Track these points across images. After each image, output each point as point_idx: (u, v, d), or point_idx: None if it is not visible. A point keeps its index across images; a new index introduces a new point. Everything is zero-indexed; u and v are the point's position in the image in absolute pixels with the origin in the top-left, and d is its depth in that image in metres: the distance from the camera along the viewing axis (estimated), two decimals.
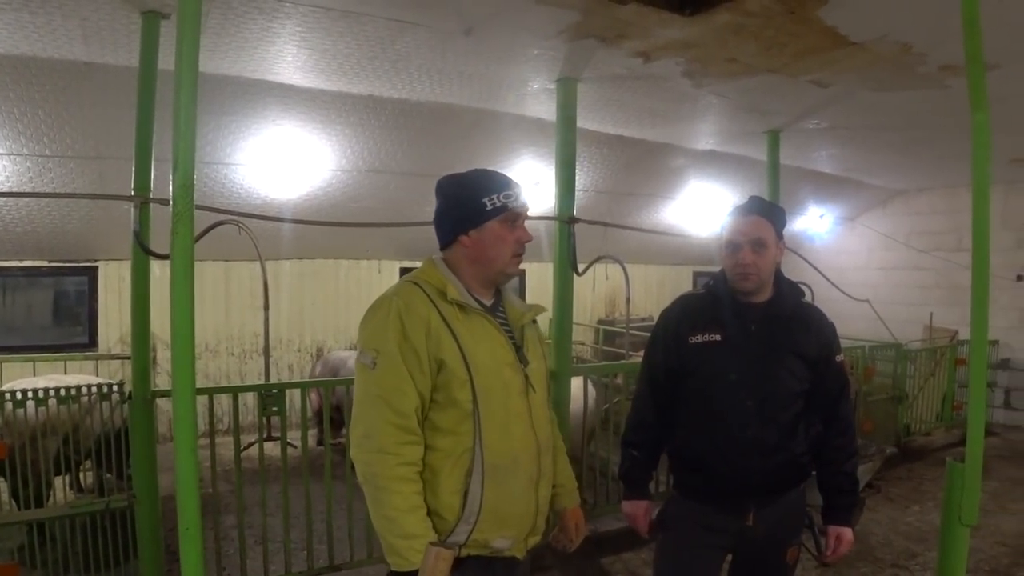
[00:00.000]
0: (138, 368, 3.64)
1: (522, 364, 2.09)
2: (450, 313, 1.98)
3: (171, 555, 4.06)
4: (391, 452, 1.87)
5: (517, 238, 2.09)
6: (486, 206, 2.05)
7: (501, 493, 1.98)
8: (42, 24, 3.66)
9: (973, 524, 2.18)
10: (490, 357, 2.00)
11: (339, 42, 4.00)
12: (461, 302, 2.00)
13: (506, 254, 2.08)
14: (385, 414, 1.89)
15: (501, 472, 1.98)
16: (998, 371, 8.70)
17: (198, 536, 1.45)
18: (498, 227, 2.06)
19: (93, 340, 7.20)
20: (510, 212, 2.07)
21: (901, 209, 10.00)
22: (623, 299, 6.88)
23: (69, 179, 5.50)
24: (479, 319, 2.04)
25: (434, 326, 1.94)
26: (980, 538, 5.00)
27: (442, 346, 1.94)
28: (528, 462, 2.05)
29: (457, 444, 1.95)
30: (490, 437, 1.96)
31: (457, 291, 2.02)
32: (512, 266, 2.11)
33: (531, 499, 2.07)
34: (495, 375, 2.00)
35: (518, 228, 2.10)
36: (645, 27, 3.72)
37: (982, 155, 2.06)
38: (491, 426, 1.97)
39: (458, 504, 1.94)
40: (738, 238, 2.46)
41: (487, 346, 2.01)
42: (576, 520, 2.38)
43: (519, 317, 2.17)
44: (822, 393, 2.52)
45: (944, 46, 3.91)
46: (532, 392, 2.10)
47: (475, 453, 1.95)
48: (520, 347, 2.13)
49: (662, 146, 6.95)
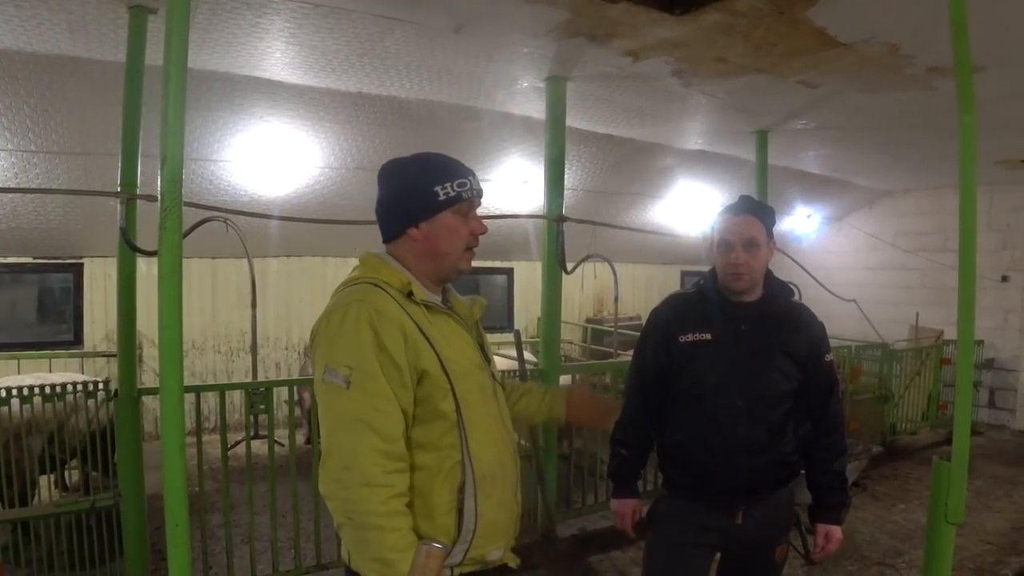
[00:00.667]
0: (124, 366, 3.62)
1: (487, 362, 1.98)
2: (419, 315, 1.80)
3: (157, 554, 4.03)
4: (380, 484, 1.64)
5: (471, 230, 1.91)
6: (439, 196, 1.86)
7: (492, 503, 1.83)
8: (28, 18, 3.62)
9: (959, 522, 2.19)
10: (463, 359, 1.86)
11: (327, 39, 3.98)
12: (428, 302, 1.84)
13: (459, 248, 1.90)
14: (369, 440, 1.65)
15: (491, 481, 1.83)
16: (983, 371, 8.77)
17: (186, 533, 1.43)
18: (451, 218, 1.88)
19: (78, 338, 7.16)
20: (464, 202, 1.89)
21: (888, 210, 10.05)
22: (611, 298, 6.89)
23: (54, 175, 5.46)
24: (445, 319, 1.88)
25: (410, 332, 1.74)
26: (965, 536, 5.04)
27: (420, 354, 1.75)
28: (510, 465, 1.94)
29: (444, 459, 1.77)
30: (476, 446, 1.81)
31: (422, 290, 1.86)
32: (465, 260, 1.93)
33: (515, 504, 1.97)
34: (471, 379, 1.85)
35: (472, 219, 1.91)
36: (635, 26, 3.72)
37: (969, 157, 2.07)
38: (476, 434, 1.82)
39: (453, 524, 1.77)
40: (730, 237, 2.46)
41: (459, 348, 1.86)
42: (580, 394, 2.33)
43: (468, 313, 2.01)
44: (811, 392, 2.53)
45: (931, 48, 3.94)
46: (499, 390, 2.00)
47: (464, 466, 1.78)
48: (481, 345, 2.00)
49: (651, 145, 6.96)
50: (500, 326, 9.30)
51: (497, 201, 7.30)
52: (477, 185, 1.92)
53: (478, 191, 1.92)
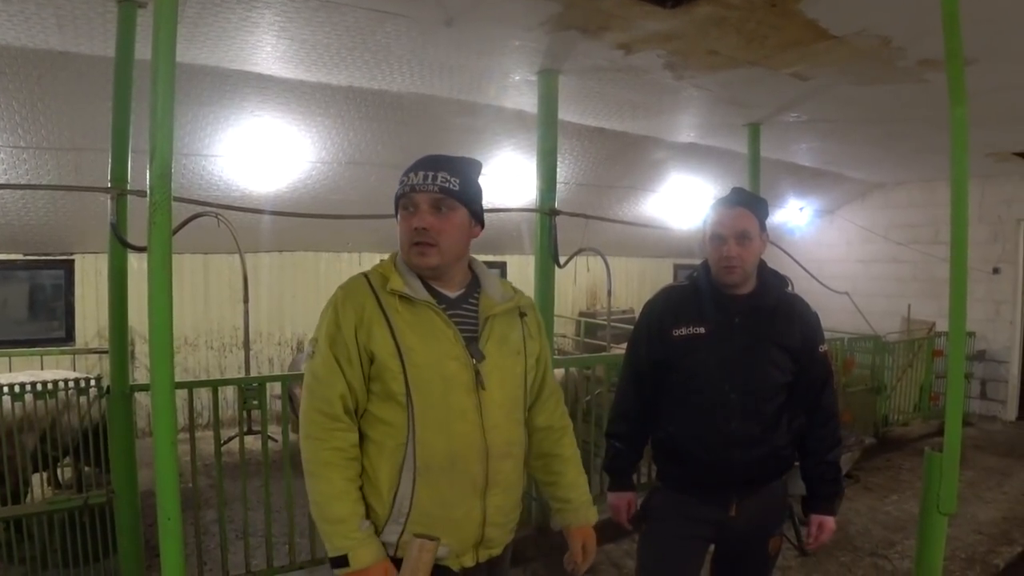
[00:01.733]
0: (116, 362, 3.60)
1: (474, 359, 1.94)
2: (389, 304, 1.90)
3: (151, 550, 4.03)
4: (317, 437, 1.86)
5: (412, 226, 1.94)
6: (397, 194, 2.01)
7: (434, 496, 1.88)
8: (15, 12, 3.59)
9: (951, 513, 2.21)
10: (430, 350, 1.89)
11: (318, 32, 3.96)
12: (403, 293, 1.91)
13: (405, 243, 1.97)
14: (313, 402, 1.88)
15: (435, 473, 1.87)
16: (975, 362, 8.81)
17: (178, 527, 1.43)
18: (400, 215, 2.00)
19: (70, 334, 7.13)
20: (404, 199, 1.97)
21: (880, 202, 10.08)
22: (604, 291, 6.90)
23: (44, 171, 5.42)
24: (425, 311, 1.92)
25: (367, 316, 1.88)
26: (957, 526, 5.07)
27: (373, 337, 1.87)
28: (471, 464, 1.91)
29: (391, 437, 1.88)
30: (425, 434, 1.87)
31: (401, 281, 1.92)
32: (414, 256, 1.95)
33: (475, 506, 1.93)
34: (434, 369, 1.89)
35: (413, 215, 1.94)
36: (627, 19, 3.71)
37: (960, 149, 2.08)
38: (427, 422, 1.87)
39: (389, 501, 1.88)
40: (723, 230, 2.46)
41: (429, 339, 1.90)
42: (584, 538, 2.21)
43: (487, 308, 2.02)
44: (806, 384, 2.53)
45: (923, 41, 3.94)
46: (482, 390, 1.94)
47: (407, 449, 1.87)
48: (476, 340, 1.98)
49: (643, 139, 6.95)
50: None
51: (489, 195, 7.27)
52: (416, 180, 1.94)
53: (412, 185, 1.94)
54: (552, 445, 2.22)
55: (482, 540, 1.97)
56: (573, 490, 2.22)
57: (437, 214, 1.94)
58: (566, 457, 2.24)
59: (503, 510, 2.01)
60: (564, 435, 2.25)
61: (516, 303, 2.09)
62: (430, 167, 1.96)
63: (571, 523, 2.22)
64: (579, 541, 2.21)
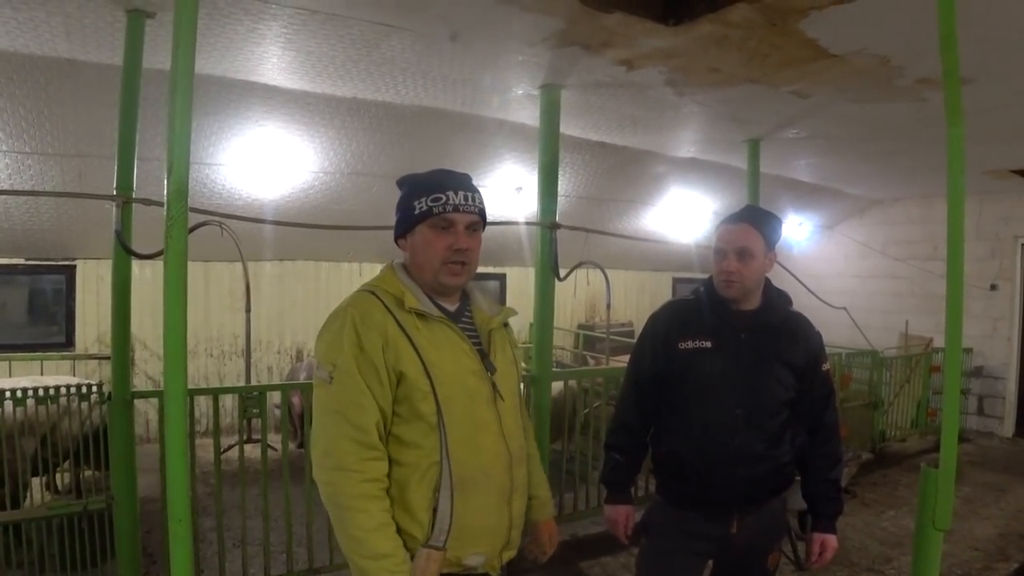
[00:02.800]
0: (118, 369, 3.61)
1: (488, 372, 1.99)
2: (408, 322, 1.89)
3: (148, 557, 4.03)
4: (353, 469, 1.78)
5: (447, 245, 1.94)
6: (415, 210, 1.96)
7: (472, 508, 1.89)
8: (25, 20, 3.63)
9: (947, 529, 2.22)
10: (453, 366, 1.91)
11: (324, 44, 4.00)
12: (419, 310, 1.91)
13: (435, 262, 1.95)
14: (344, 430, 1.80)
15: (471, 486, 1.89)
16: (972, 378, 8.83)
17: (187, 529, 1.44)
18: (427, 232, 1.95)
19: (70, 340, 7.14)
20: (437, 217, 1.94)
21: (878, 218, 10.12)
22: (603, 305, 6.92)
23: (48, 177, 5.45)
24: (440, 327, 1.94)
25: (391, 336, 1.86)
26: (953, 543, 5.07)
27: (401, 357, 1.85)
28: (499, 474, 1.97)
29: (423, 458, 1.86)
30: (457, 449, 1.88)
31: (416, 299, 1.93)
32: (446, 275, 1.96)
33: (504, 513, 1.99)
34: (459, 384, 1.91)
35: (449, 234, 1.95)
36: (629, 36, 3.75)
37: (957, 167, 2.10)
38: (458, 438, 1.88)
39: (427, 520, 1.86)
40: (723, 245, 2.48)
41: (449, 355, 1.92)
42: (549, 532, 2.30)
43: (486, 321, 2.08)
44: (808, 402, 2.54)
45: (922, 60, 3.98)
46: (500, 400, 2.00)
47: (442, 467, 1.86)
48: (487, 353, 2.03)
49: (644, 153, 6.99)
50: None
51: (491, 207, 7.27)
52: (458, 200, 1.95)
53: (455, 205, 1.94)
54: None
55: (507, 543, 2.04)
56: (540, 487, 2.28)
57: (471, 235, 1.99)
58: (533, 456, 2.28)
59: (522, 513, 2.11)
60: (530, 435, 2.30)
61: (505, 315, 2.15)
62: (467, 187, 1.99)
63: (539, 518, 2.28)
64: (545, 534, 2.29)
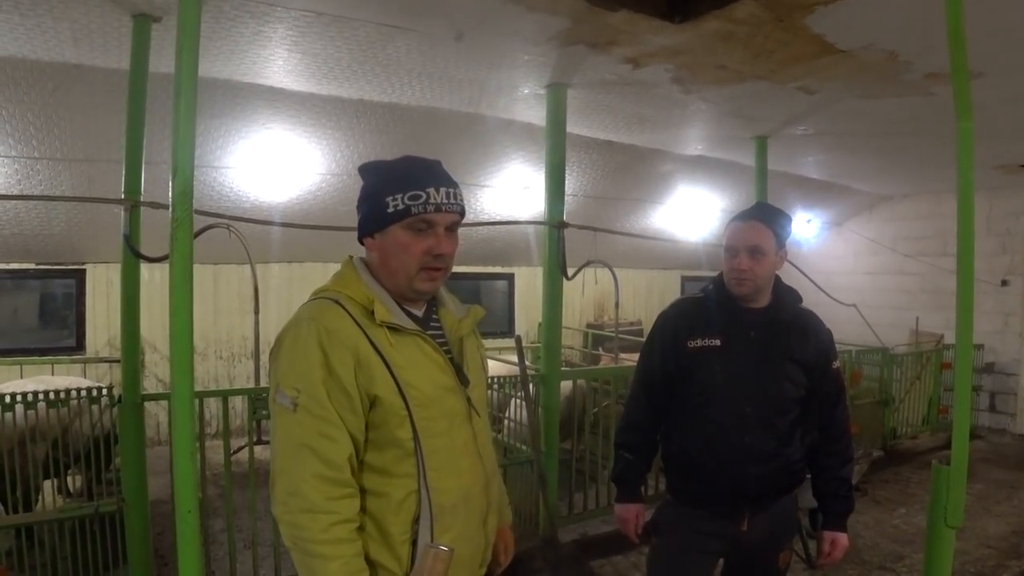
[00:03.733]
0: (128, 372, 3.63)
1: (463, 386, 1.81)
2: (379, 337, 1.67)
3: (160, 559, 4.04)
4: (323, 511, 1.58)
5: (426, 249, 1.70)
6: (388, 207, 1.69)
7: (452, 537, 1.71)
8: (32, 26, 3.65)
9: (959, 526, 2.20)
10: (430, 385, 1.72)
11: (329, 46, 4.01)
12: (392, 324, 1.70)
13: (411, 268, 1.71)
14: (312, 466, 1.58)
15: (451, 514, 1.73)
16: (983, 375, 8.78)
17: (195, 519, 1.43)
18: (401, 233, 1.70)
19: (80, 343, 7.17)
20: (415, 218, 1.69)
21: (887, 214, 10.08)
22: (612, 303, 6.90)
23: (57, 181, 5.48)
24: (414, 340, 1.73)
25: (363, 355, 1.64)
26: (965, 540, 5.05)
27: (374, 378, 1.64)
28: (478, 496, 1.82)
29: (399, 488, 1.68)
30: (436, 476, 1.70)
31: (387, 310, 1.71)
32: (422, 281, 1.73)
33: (480, 536, 1.86)
34: (437, 406, 1.72)
35: (429, 237, 1.71)
36: (635, 34, 3.75)
37: (966, 162, 2.09)
38: (436, 464, 1.71)
39: (407, 555, 1.68)
40: (735, 243, 2.47)
41: (424, 372, 1.72)
42: (503, 541, 2.09)
43: (456, 327, 1.87)
44: (819, 399, 2.53)
45: (929, 54, 3.96)
46: (476, 417, 1.83)
47: (420, 496, 1.69)
48: (460, 366, 1.84)
49: (651, 151, 6.98)
50: (501, 331, 9.33)
51: (498, 207, 7.32)
52: (440, 198, 1.70)
53: (436, 205, 1.69)
54: None
55: (482, 562, 1.92)
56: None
57: (450, 236, 1.75)
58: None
59: (495, 529, 1.96)
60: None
61: (474, 317, 1.94)
62: (448, 182, 1.75)
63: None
64: (501, 541, 2.09)
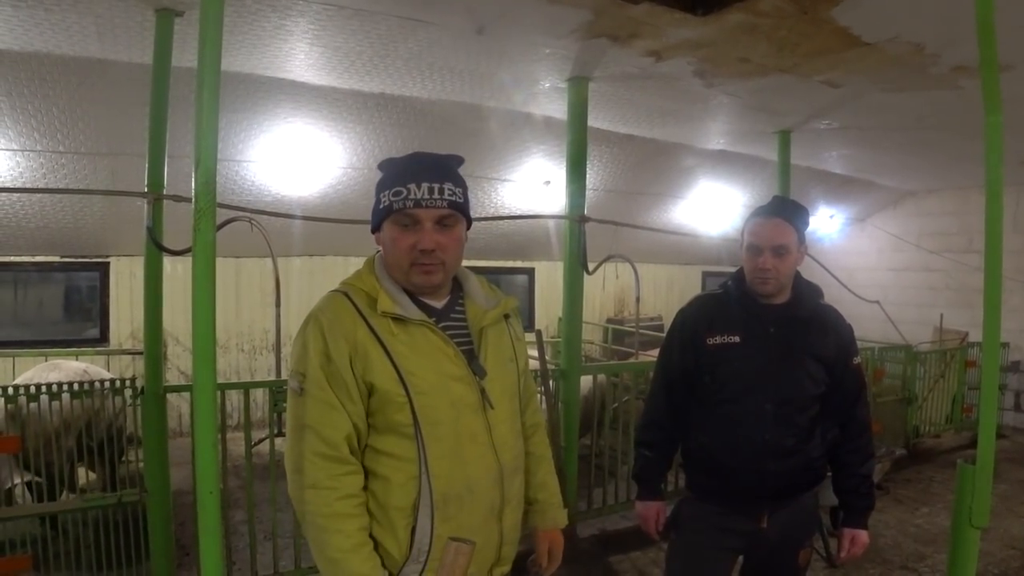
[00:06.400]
0: (150, 363, 3.67)
1: (477, 376, 1.81)
2: (382, 327, 1.72)
3: (181, 549, 4.08)
4: (326, 487, 1.66)
5: (411, 245, 1.73)
6: (380, 203, 1.78)
7: (455, 527, 1.73)
8: (57, 21, 3.68)
9: (984, 526, 2.18)
10: (434, 373, 1.74)
11: (351, 40, 4.01)
12: (395, 314, 1.73)
13: (402, 261, 1.75)
14: (314, 445, 1.67)
15: (454, 503, 1.74)
16: (1008, 374, 8.66)
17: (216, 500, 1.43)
18: (390, 229, 1.76)
19: (104, 335, 7.24)
20: (398, 214, 1.74)
21: (911, 210, 9.96)
22: (632, 298, 6.89)
23: (82, 175, 5.54)
24: (420, 330, 1.76)
25: (360, 343, 1.70)
26: (989, 541, 4.99)
27: (371, 366, 1.69)
28: (487, 488, 1.80)
29: (400, 471, 1.72)
30: (438, 463, 1.72)
31: (391, 300, 1.75)
32: (416, 275, 1.76)
33: (493, 529, 1.83)
34: (441, 393, 1.74)
35: (413, 232, 1.74)
36: (657, 27, 3.72)
37: (995, 157, 2.05)
38: (439, 451, 1.73)
39: (406, 539, 1.72)
40: (759, 241, 2.43)
41: (430, 361, 1.75)
42: (551, 543, 2.11)
43: (479, 318, 1.87)
44: (839, 396, 2.51)
45: (957, 47, 3.90)
46: (490, 408, 1.81)
47: (421, 482, 1.72)
48: (475, 356, 1.84)
49: (673, 145, 6.95)
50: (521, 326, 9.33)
51: (519, 201, 7.32)
52: (420, 194, 1.72)
53: (416, 200, 1.72)
54: (526, 444, 2.06)
55: (498, 560, 1.89)
56: (542, 490, 2.10)
57: (442, 230, 1.76)
58: (538, 455, 2.11)
59: (516, 527, 1.93)
60: (536, 432, 2.13)
61: (503, 308, 1.94)
62: (434, 177, 1.75)
63: (537, 525, 2.11)
64: (545, 544, 2.11)
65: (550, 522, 2.11)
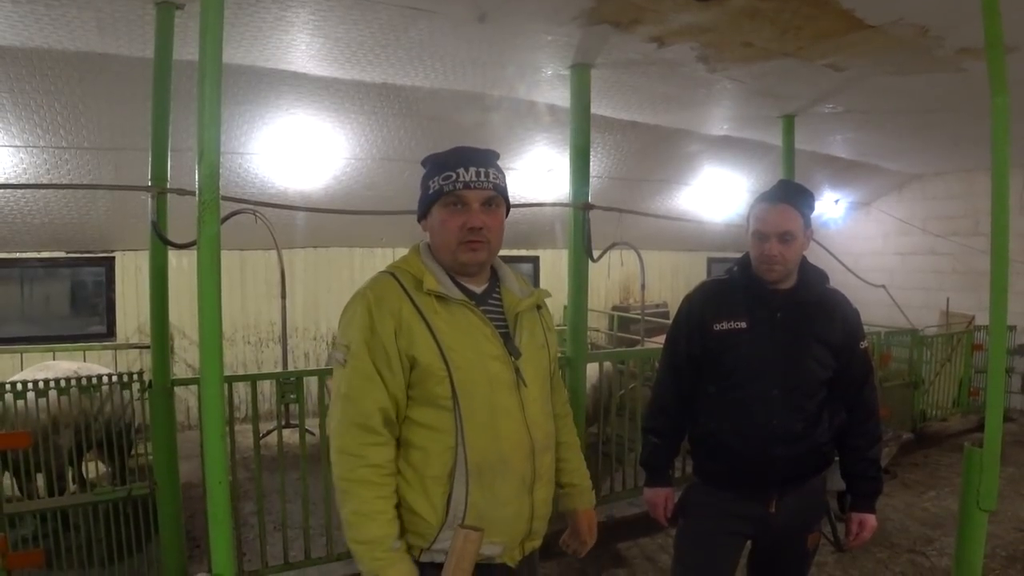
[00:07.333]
0: (158, 357, 3.68)
1: (512, 356, 1.94)
2: (427, 305, 1.87)
3: (191, 541, 4.11)
4: (353, 453, 1.80)
5: (461, 224, 1.89)
6: (429, 189, 1.96)
7: (488, 496, 1.86)
8: (57, 16, 3.68)
9: (992, 509, 2.18)
10: (472, 350, 1.88)
11: (352, 30, 4.00)
12: (439, 293, 1.88)
13: (451, 241, 1.91)
14: (350, 413, 1.81)
15: (488, 473, 1.86)
16: (1015, 357, 8.62)
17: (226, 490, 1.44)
18: (440, 212, 1.93)
19: (111, 330, 7.28)
20: (448, 195, 1.90)
21: (917, 194, 9.91)
22: (637, 285, 6.88)
23: (85, 170, 5.54)
24: (461, 310, 1.90)
25: (405, 319, 1.84)
26: (997, 524, 4.99)
27: (415, 341, 1.83)
28: (520, 462, 1.92)
29: (437, 441, 1.85)
30: (474, 436, 1.84)
31: (435, 280, 1.90)
32: (464, 253, 1.91)
33: (524, 502, 1.94)
34: (478, 369, 1.87)
35: (463, 213, 1.90)
36: (660, 12, 3.70)
37: (1001, 139, 2.05)
38: (475, 424, 1.85)
39: (442, 506, 1.85)
40: (765, 228, 2.42)
41: (469, 339, 1.88)
42: (588, 523, 2.25)
43: (514, 304, 2.01)
44: (847, 380, 2.51)
45: (961, 29, 3.87)
46: (524, 387, 1.94)
47: (457, 453, 1.84)
48: (511, 337, 1.98)
49: (676, 132, 6.92)
50: None
51: (523, 189, 7.31)
52: (469, 176, 1.90)
53: (465, 182, 1.89)
54: (557, 432, 2.20)
55: (529, 534, 1.99)
56: (577, 475, 2.24)
57: (487, 211, 1.92)
58: (570, 443, 2.24)
59: (547, 502, 2.04)
60: (567, 421, 2.26)
61: (536, 298, 2.08)
62: (479, 163, 1.93)
63: (576, 507, 2.24)
64: (584, 523, 2.25)
65: (588, 503, 2.26)
